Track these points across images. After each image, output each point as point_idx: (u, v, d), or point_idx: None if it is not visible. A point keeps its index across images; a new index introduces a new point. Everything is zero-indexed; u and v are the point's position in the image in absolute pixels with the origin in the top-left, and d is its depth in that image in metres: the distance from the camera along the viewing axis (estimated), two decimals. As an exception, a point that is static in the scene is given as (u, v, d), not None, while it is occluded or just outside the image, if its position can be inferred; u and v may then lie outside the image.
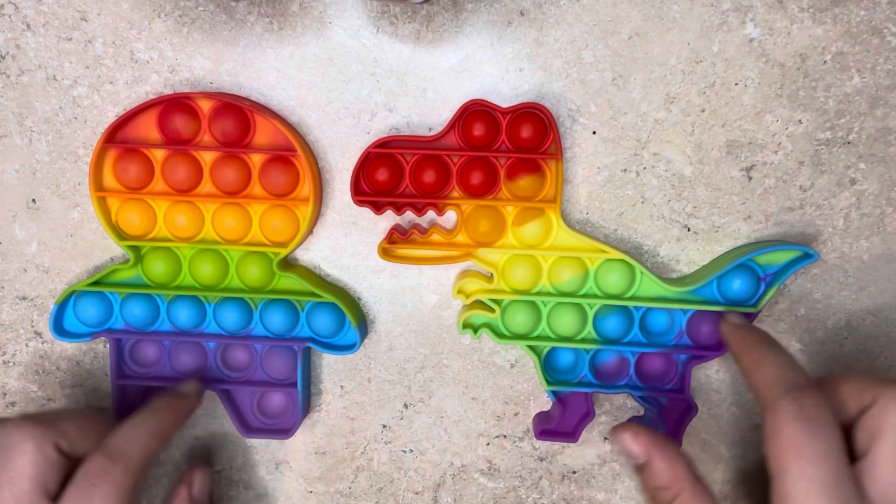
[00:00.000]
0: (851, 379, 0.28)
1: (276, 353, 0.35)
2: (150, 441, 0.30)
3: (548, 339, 0.34)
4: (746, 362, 0.30)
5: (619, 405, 0.36)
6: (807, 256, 0.32)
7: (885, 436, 0.26)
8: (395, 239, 0.34)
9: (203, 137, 0.33)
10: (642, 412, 0.36)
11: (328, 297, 0.33)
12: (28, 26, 0.33)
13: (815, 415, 0.26)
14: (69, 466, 0.29)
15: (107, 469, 0.28)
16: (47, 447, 0.28)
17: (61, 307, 0.34)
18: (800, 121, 0.33)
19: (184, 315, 0.34)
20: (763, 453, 0.27)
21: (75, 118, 0.34)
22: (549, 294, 0.34)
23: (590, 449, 0.37)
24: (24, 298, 0.36)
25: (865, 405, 0.27)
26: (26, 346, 0.36)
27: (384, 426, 0.37)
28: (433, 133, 0.33)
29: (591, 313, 0.34)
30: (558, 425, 0.35)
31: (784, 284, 0.34)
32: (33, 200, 0.35)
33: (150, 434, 0.30)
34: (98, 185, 0.33)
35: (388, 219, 0.34)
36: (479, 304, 0.34)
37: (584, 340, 0.34)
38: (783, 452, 0.26)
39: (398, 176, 0.33)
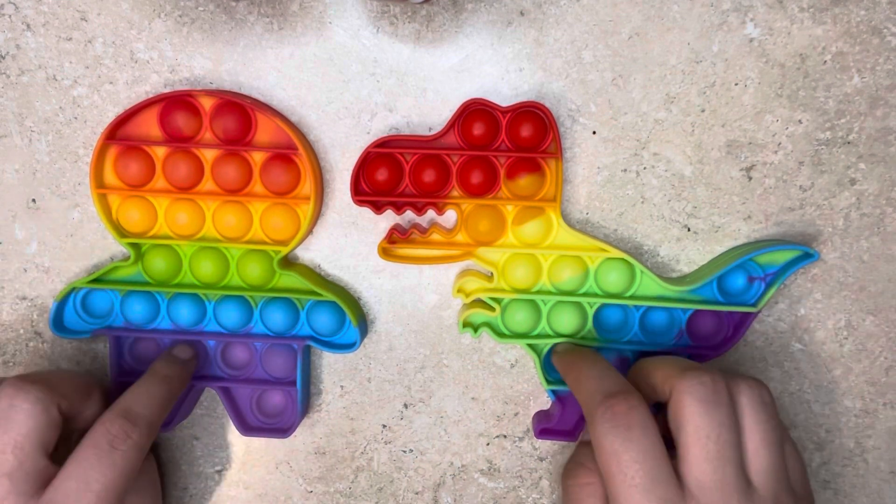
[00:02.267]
0: (660, 367, 0.29)
1: (276, 352, 0.35)
2: (160, 406, 0.31)
3: (548, 337, 0.34)
4: (571, 382, 0.31)
5: (619, 405, 0.36)
6: (807, 256, 0.32)
7: (685, 425, 0.27)
8: (395, 238, 0.34)
9: (204, 135, 0.33)
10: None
11: (328, 296, 0.33)
12: (28, 26, 0.33)
13: (626, 421, 0.27)
14: (65, 427, 0.29)
15: (128, 431, 0.29)
16: (52, 409, 0.28)
17: (61, 304, 0.34)
18: (800, 121, 0.33)
19: (184, 313, 0.34)
20: None
21: (75, 118, 0.34)
22: (549, 293, 0.34)
23: (590, 449, 0.37)
24: (24, 298, 0.36)
25: (668, 395, 0.28)
26: (26, 346, 0.36)
27: (384, 426, 0.37)
28: (433, 133, 0.33)
29: (590, 312, 0.34)
30: (558, 424, 0.34)
31: (784, 284, 0.34)
32: (33, 200, 0.35)
33: (160, 400, 0.31)
34: (99, 182, 0.33)
35: (388, 218, 0.34)
36: (479, 303, 0.34)
37: (583, 339, 0.34)
38: (605, 462, 0.27)
39: (398, 176, 0.33)
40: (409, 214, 0.34)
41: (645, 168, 0.34)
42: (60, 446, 0.30)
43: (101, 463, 0.28)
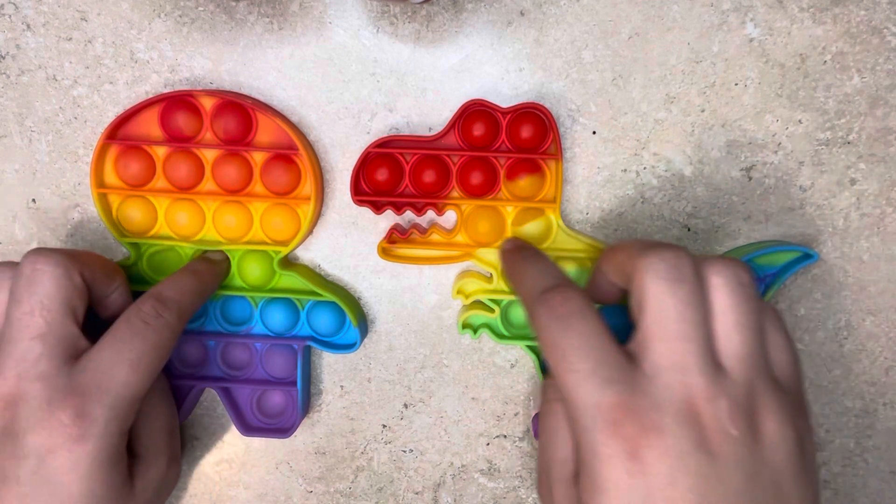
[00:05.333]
0: (623, 248, 0.28)
1: (277, 352, 0.35)
2: (191, 295, 0.31)
3: (548, 338, 0.34)
4: (513, 283, 0.30)
5: (619, 405, 0.36)
6: (807, 256, 0.32)
7: (644, 305, 0.25)
8: (395, 239, 0.34)
9: (205, 135, 0.33)
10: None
11: (328, 296, 0.33)
12: (28, 26, 0.33)
13: (564, 311, 0.26)
14: (89, 300, 0.30)
15: (160, 311, 0.29)
16: (75, 274, 0.29)
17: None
18: (800, 121, 0.33)
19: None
20: None
21: (75, 118, 0.34)
22: (549, 294, 0.34)
23: (590, 449, 0.37)
24: (23, 298, 0.36)
25: (628, 278, 0.26)
26: (26, 345, 0.36)
27: (384, 426, 0.37)
28: (433, 133, 0.33)
29: (591, 313, 0.34)
30: (558, 425, 0.34)
31: (784, 284, 0.34)
32: (33, 200, 0.35)
33: (194, 290, 0.31)
34: (99, 182, 0.33)
35: (388, 219, 0.34)
36: (479, 304, 0.34)
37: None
38: (549, 355, 0.26)
39: (398, 176, 0.33)
40: (409, 214, 0.34)
41: (645, 168, 0.34)
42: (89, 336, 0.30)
43: (134, 336, 0.28)
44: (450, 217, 0.34)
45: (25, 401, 0.27)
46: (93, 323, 0.30)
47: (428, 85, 0.33)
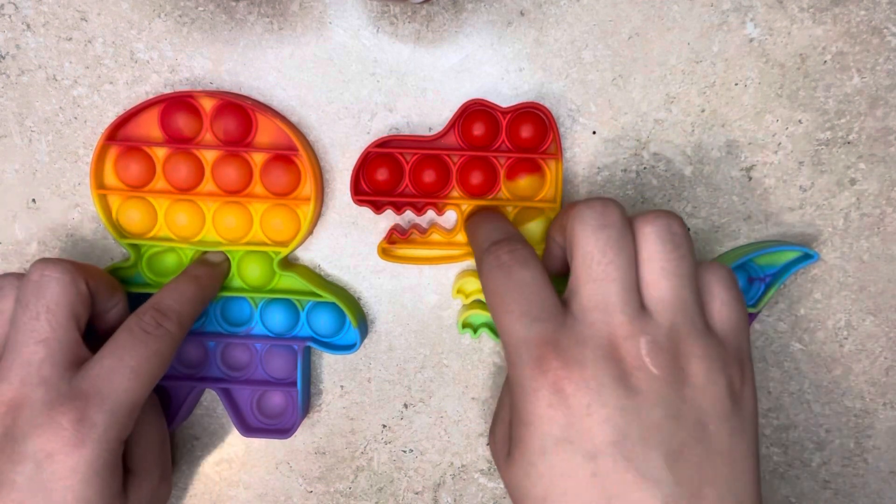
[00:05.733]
0: (559, 215, 0.29)
1: (277, 353, 0.35)
2: (191, 303, 0.31)
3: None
4: (469, 237, 0.32)
5: (619, 405, 0.36)
6: (807, 256, 0.32)
7: (574, 252, 0.26)
8: (395, 239, 0.34)
9: (205, 136, 0.33)
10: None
11: (328, 297, 0.33)
12: (28, 26, 0.33)
13: (508, 260, 0.27)
14: (90, 324, 0.31)
15: (159, 320, 0.30)
16: (80, 282, 0.29)
17: (61, 307, 0.34)
18: (800, 121, 0.33)
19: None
20: None
21: (75, 118, 0.34)
22: (549, 294, 0.34)
23: (590, 449, 0.37)
24: (23, 298, 0.36)
25: (566, 230, 0.27)
26: (26, 345, 0.36)
27: (384, 426, 0.37)
28: (433, 133, 0.33)
29: (591, 313, 0.34)
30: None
31: (784, 284, 0.34)
32: (33, 200, 0.35)
33: (191, 296, 0.32)
34: (99, 183, 0.33)
35: (388, 219, 0.34)
36: (479, 303, 0.34)
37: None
38: (490, 300, 0.27)
39: (398, 176, 0.33)
40: (409, 214, 0.34)
41: (645, 168, 0.34)
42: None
43: (135, 344, 0.29)
44: (450, 217, 0.34)
45: (27, 405, 0.27)
46: (91, 337, 0.31)
47: (428, 85, 0.33)
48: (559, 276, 0.30)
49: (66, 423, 0.27)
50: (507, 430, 0.27)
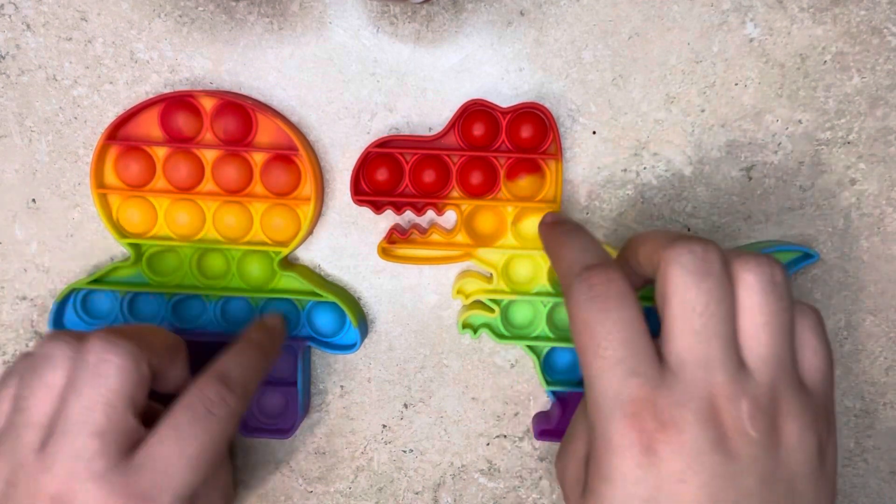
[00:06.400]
0: (649, 239, 0.27)
1: (277, 353, 0.35)
2: (256, 373, 0.29)
3: (547, 338, 0.34)
4: (552, 256, 0.29)
5: (619, 405, 0.36)
6: (807, 256, 0.32)
7: (669, 298, 0.24)
8: (395, 239, 0.34)
9: (205, 136, 0.33)
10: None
11: (329, 297, 0.33)
12: (28, 26, 0.33)
13: (603, 292, 0.25)
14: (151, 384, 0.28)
15: (224, 396, 0.27)
16: (143, 365, 0.26)
17: (61, 305, 0.34)
18: (800, 121, 0.33)
19: (184, 314, 0.34)
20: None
21: (75, 118, 0.34)
22: (548, 294, 0.34)
23: (590, 449, 0.37)
24: (24, 298, 0.36)
25: (656, 268, 0.26)
26: (26, 346, 0.36)
27: (384, 426, 0.37)
28: (433, 133, 0.33)
29: (591, 313, 0.34)
30: (558, 425, 0.34)
31: (784, 284, 0.34)
32: (33, 200, 0.35)
33: (256, 366, 0.30)
34: (99, 182, 0.33)
35: (388, 219, 0.34)
36: (479, 304, 0.34)
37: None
38: (579, 334, 0.25)
39: (398, 176, 0.33)
40: (409, 214, 0.34)
41: (645, 168, 0.34)
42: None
43: (196, 427, 0.26)
44: (450, 217, 0.34)
45: (75, 502, 0.25)
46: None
47: (428, 85, 0.33)
48: None
49: None
50: (580, 469, 0.26)
